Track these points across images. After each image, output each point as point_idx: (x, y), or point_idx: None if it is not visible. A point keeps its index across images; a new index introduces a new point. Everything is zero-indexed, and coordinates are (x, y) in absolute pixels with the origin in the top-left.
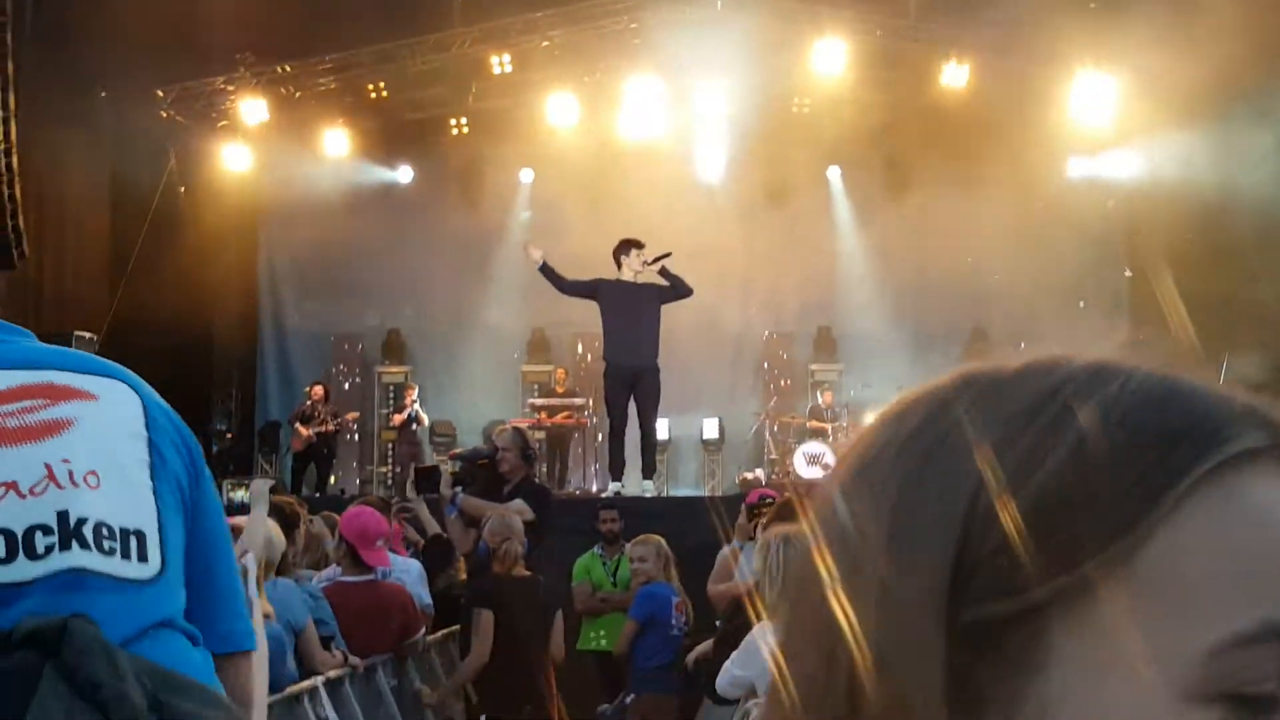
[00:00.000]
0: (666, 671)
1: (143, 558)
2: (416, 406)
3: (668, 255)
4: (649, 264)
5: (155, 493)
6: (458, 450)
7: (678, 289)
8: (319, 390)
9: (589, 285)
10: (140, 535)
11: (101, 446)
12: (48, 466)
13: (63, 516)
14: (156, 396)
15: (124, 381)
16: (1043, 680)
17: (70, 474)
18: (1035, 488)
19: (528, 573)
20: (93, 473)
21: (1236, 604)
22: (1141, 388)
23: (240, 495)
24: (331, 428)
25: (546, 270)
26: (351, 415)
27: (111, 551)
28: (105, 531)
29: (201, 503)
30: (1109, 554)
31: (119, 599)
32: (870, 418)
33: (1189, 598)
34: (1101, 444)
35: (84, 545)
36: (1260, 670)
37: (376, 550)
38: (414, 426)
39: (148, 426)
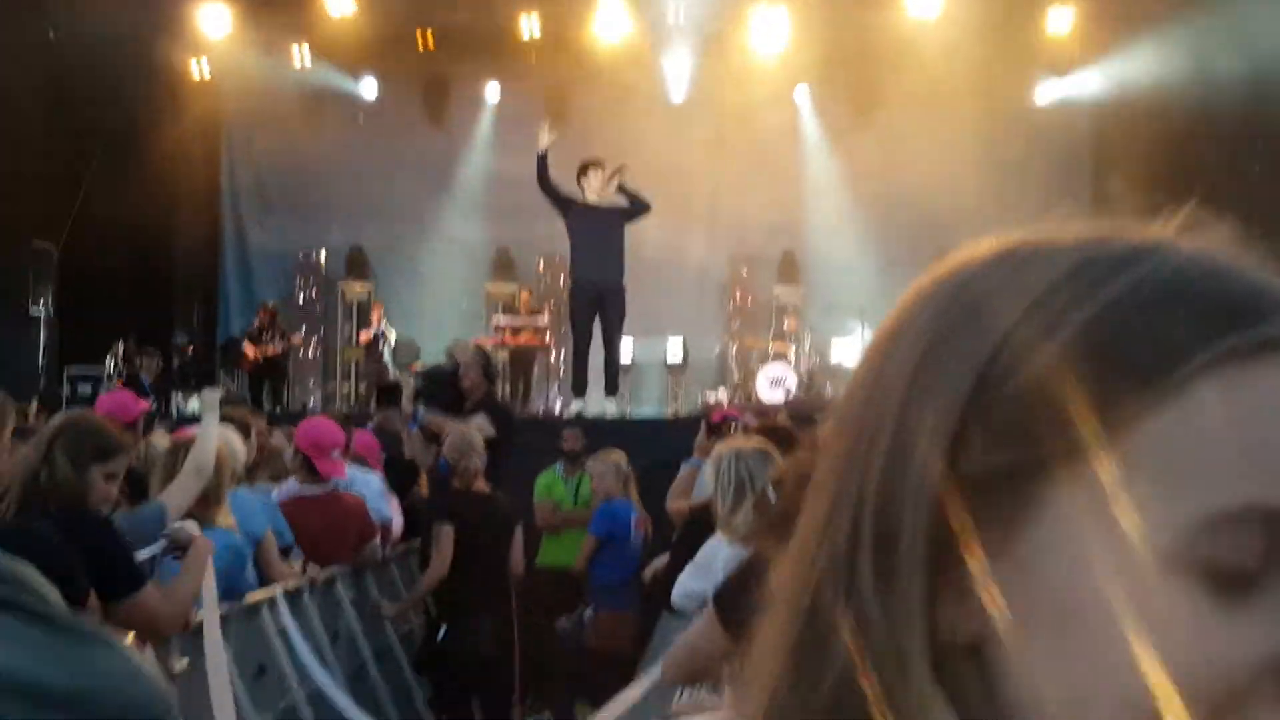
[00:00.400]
0: (625, 587)
1: None
2: (384, 324)
3: (622, 168)
4: (609, 182)
5: None
6: (419, 366)
7: (635, 205)
8: (269, 309)
9: (563, 201)
10: None
11: None
12: None
13: None
14: None
15: None
16: (1030, 534)
17: None
18: (1059, 344)
19: (487, 488)
20: None
21: (1227, 482)
22: (1181, 263)
23: (193, 406)
24: (277, 350)
25: (543, 159)
26: (296, 338)
27: None
28: None
29: None
30: (1116, 416)
31: None
32: (835, 342)
33: (1183, 470)
34: (1130, 311)
35: None
36: (1239, 549)
37: (332, 461)
38: (381, 345)
39: None
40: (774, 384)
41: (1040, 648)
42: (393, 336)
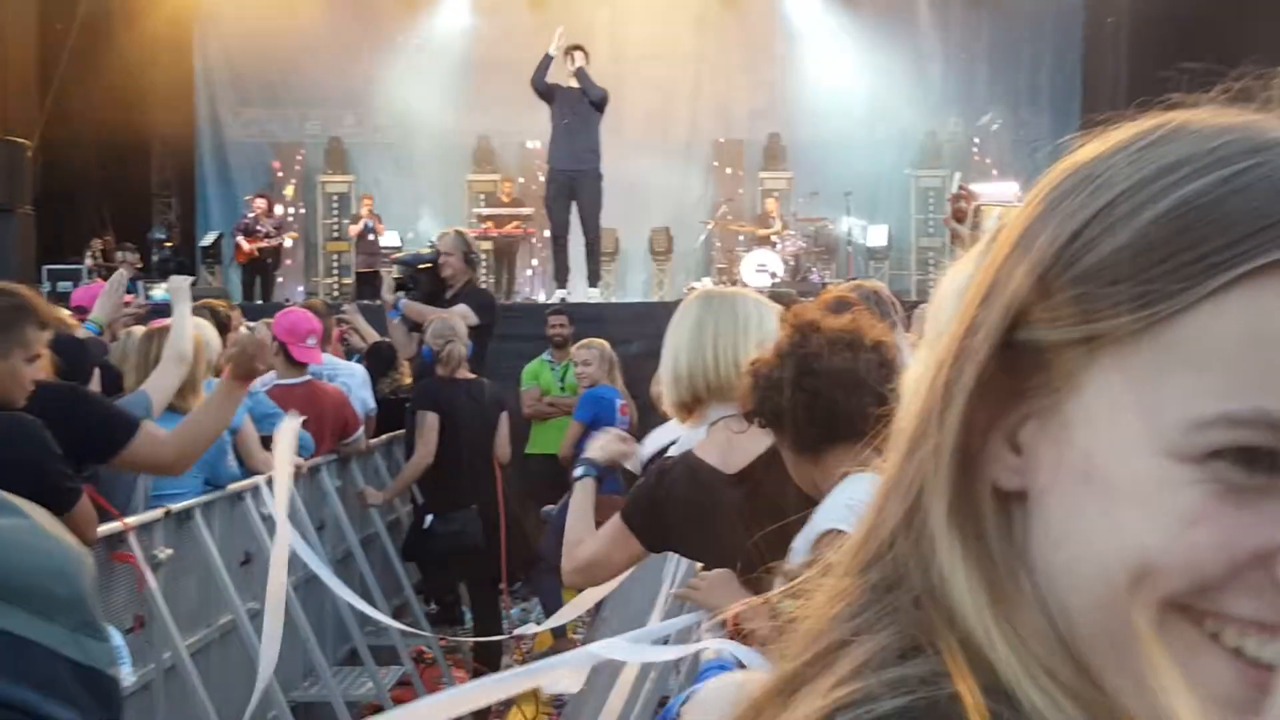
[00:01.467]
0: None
1: None
2: (373, 217)
3: (576, 48)
4: (569, 71)
5: None
6: (398, 255)
7: (587, 92)
8: (261, 203)
9: (549, 88)
10: None
11: None
12: None
13: None
14: None
15: None
16: (1071, 403)
17: None
18: (1128, 233)
19: (472, 375)
20: None
21: (1241, 388)
22: (1261, 173)
23: (158, 293)
24: (275, 243)
25: (545, 61)
26: (291, 235)
27: None
28: None
29: None
30: (1159, 310)
31: None
32: (821, 226)
33: (1205, 369)
34: (1193, 211)
35: None
36: (1245, 448)
37: (307, 348)
38: (370, 236)
39: None
40: (759, 269)
41: (1060, 505)
42: (384, 227)
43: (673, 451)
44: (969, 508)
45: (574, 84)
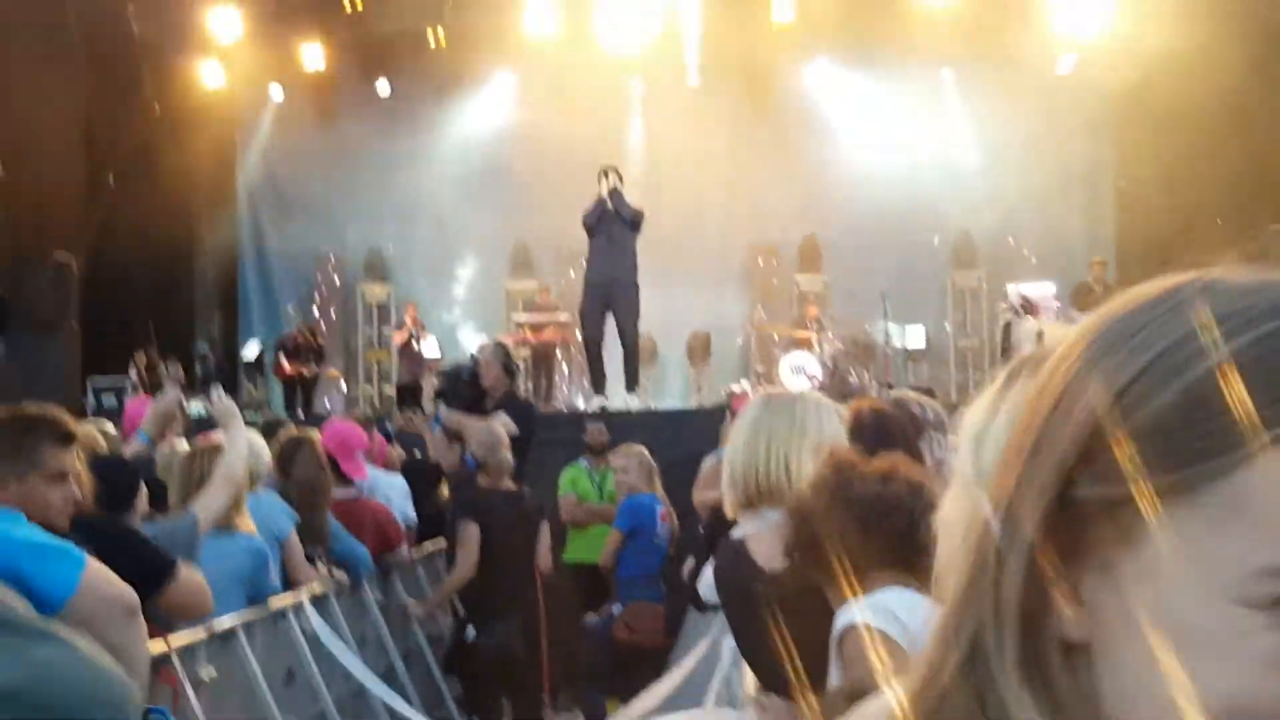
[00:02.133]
0: (652, 581)
1: None
2: (417, 326)
3: (608, 171)
4: (602, 194)
5: None
6: (439, 365)
7: (621, 214)
8: (305, 330)
9: (590, 216)
10: None
11: None
12: None
13: None
14: None
15: None
16: (1135, 554)
17: None
18: (1173, 393)
19: (514, 485)
20: None
21: None
22: None
23: (196, 409)
24: (313, 372)
25: (599, 204)
26: (332, 373)
27: None
28: None
29: None
30: (1213, 465)
31: None
32: (859, 329)
33: (1265, 519)
34: (1244, 369)
35: None
36: None
37: (356, 462)
38: (416, 345)
39: None
40: (796, 371)
41: (1132, 657)
42: (429, 335)
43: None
44: (1035, 661)
45: (609, 205)
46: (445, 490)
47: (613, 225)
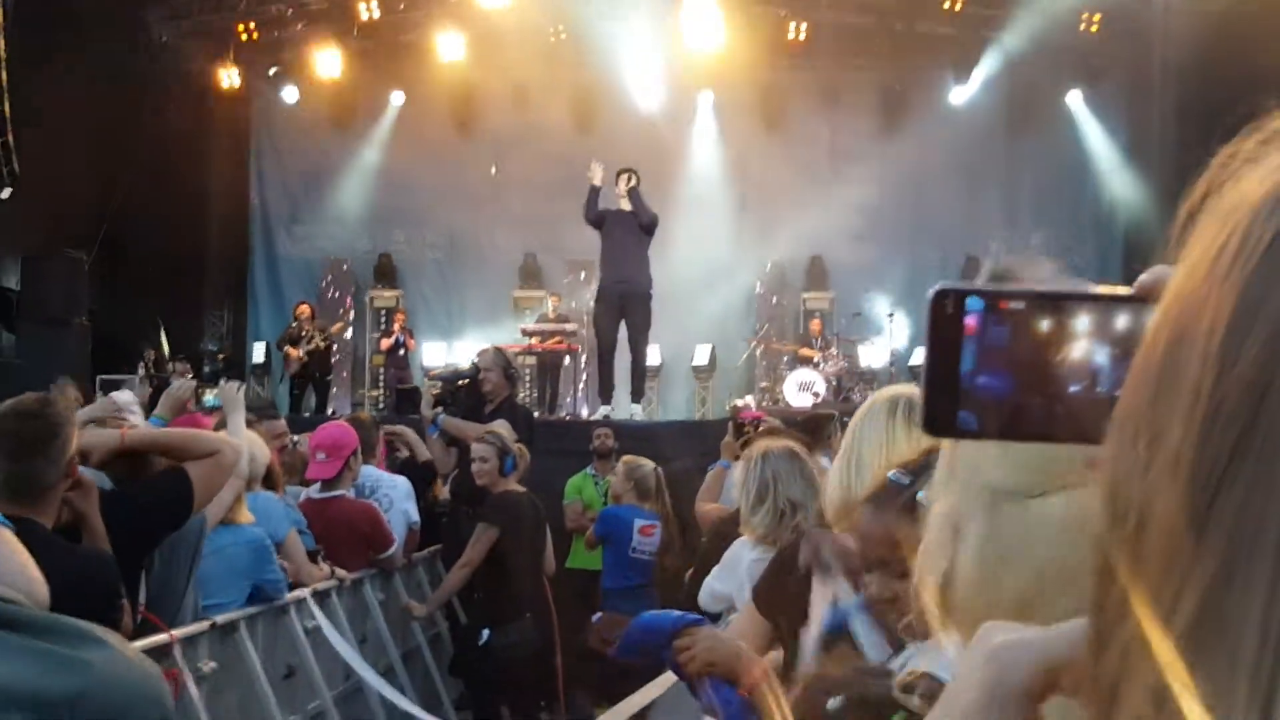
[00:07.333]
0: (631, 593)
1: None
2: (403, 331)
3: (630, 175)
4: (619, 193)
5: None
6: (438, 371)
7: (639, 215)
8: (304, 309)
9: (600, 214)
10: None
11: None
12: None
13: None
14: None
15: None
16: None
17: None
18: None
19: (523, 489)
20: None
21: None
22: None
23: (209, 398)
24: (320, 344)
25: (594, 193)
26: (336, 326)
27: None
28: None
29: None
30: None
31: None
32: (863, 348)
33: None
34: None
35: None
36: None
37: (316, 463)
38: (401, 351)
39: None
40: (802, 388)
41: None
42: (415, 343)
43: None
44: None
45: (625, 206)
46: (438, 490)
47: (628, 229)
